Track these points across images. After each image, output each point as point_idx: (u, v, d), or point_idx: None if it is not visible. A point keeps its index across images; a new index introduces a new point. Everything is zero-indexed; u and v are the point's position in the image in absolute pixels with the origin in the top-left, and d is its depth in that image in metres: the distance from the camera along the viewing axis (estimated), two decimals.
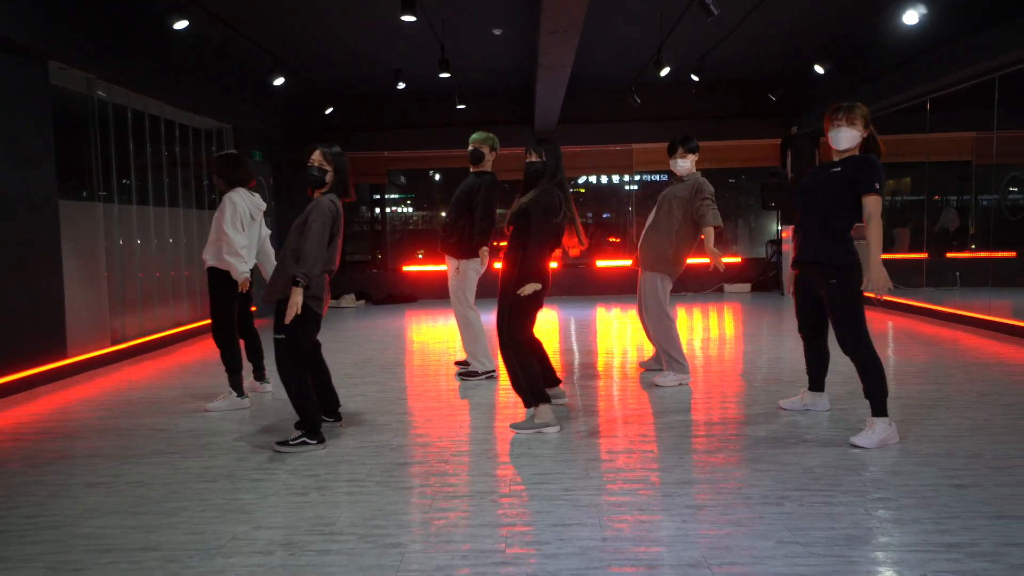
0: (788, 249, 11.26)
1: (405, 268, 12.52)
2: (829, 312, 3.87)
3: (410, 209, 17.24)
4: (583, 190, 13.79)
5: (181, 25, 6.09)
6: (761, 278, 12.16)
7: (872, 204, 3.69)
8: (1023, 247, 11.75)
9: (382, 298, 12.12)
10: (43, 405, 5.26)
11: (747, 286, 12.07)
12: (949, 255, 11.15)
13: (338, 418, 4.45)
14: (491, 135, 5.74)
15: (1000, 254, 11.65)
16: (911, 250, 11.65)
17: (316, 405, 4.11)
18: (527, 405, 4.22)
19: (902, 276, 11.17)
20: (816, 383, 4.39)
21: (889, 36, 8.26)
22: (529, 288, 4.04)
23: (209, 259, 4.96)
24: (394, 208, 16.91)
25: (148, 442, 4.17)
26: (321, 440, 4.04)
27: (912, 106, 8.89)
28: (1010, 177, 12.24)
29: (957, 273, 11.01)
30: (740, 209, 14.11)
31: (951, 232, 11.66)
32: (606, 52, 9.50)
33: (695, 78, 9.71)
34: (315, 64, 9.90)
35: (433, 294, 12.20)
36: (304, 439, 4.00)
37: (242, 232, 5.04)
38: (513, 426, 4.23)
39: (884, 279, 3.68)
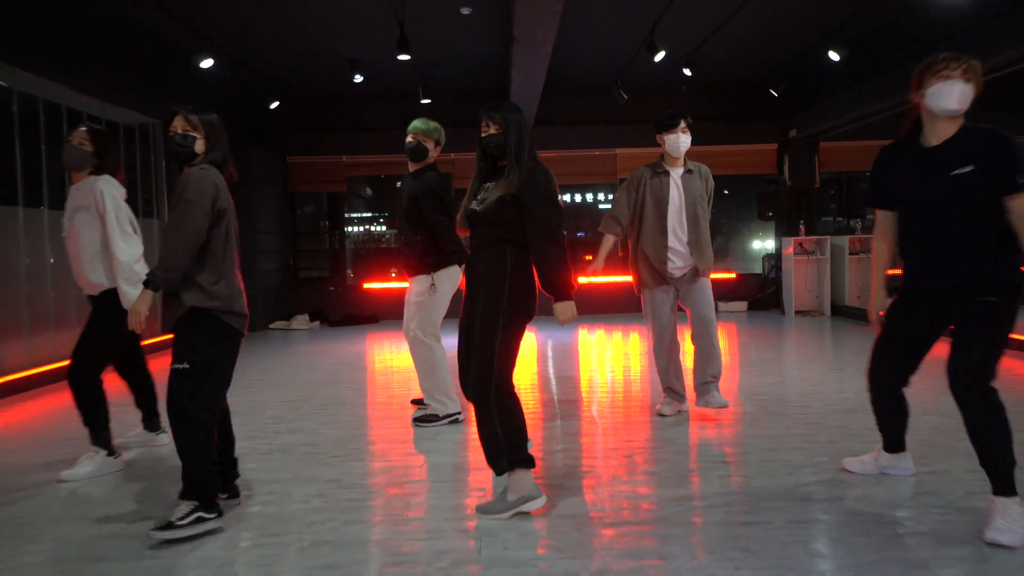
0: (789, 266, 10.22)
1: (366, 285, 11.25)
2: (965, 339, 2.68)
3: (383, 228, 16.04)
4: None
5: None
6: (759, 295, 11.09)
7: None
8: None
9: (340, 319, 10.83)
10: None
11: (743, 304, 11.00)
12: None
13: (235, 493, 3.19)
14: (437, 125, 4.68)
15: None
16: None
17: (213, 467, 2.89)
18: (499, 473, 3.00)
19: None
20: (898, 441, 3.23)
21: (913, 18, 7.26)
22: (569, 312, 2.96)
23: (98, 279, 3.63)
24: (366, 227, 15.70)
25: None
26: (219, 512, 2.87)
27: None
28: None
29: None
30: (734, 220, 13.11)
31: None
32: (588, 45, 8.43)
33: (687, 72, 8.68)
34: (260, 54, 8.67)
35: (399, 314, 10.90)
36: (199, 513, 2.80)
37: (134, 237, 3.76)
38: (480, 510, 2.99)
39: None
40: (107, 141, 3.74)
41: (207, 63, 7.04)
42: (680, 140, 4.35)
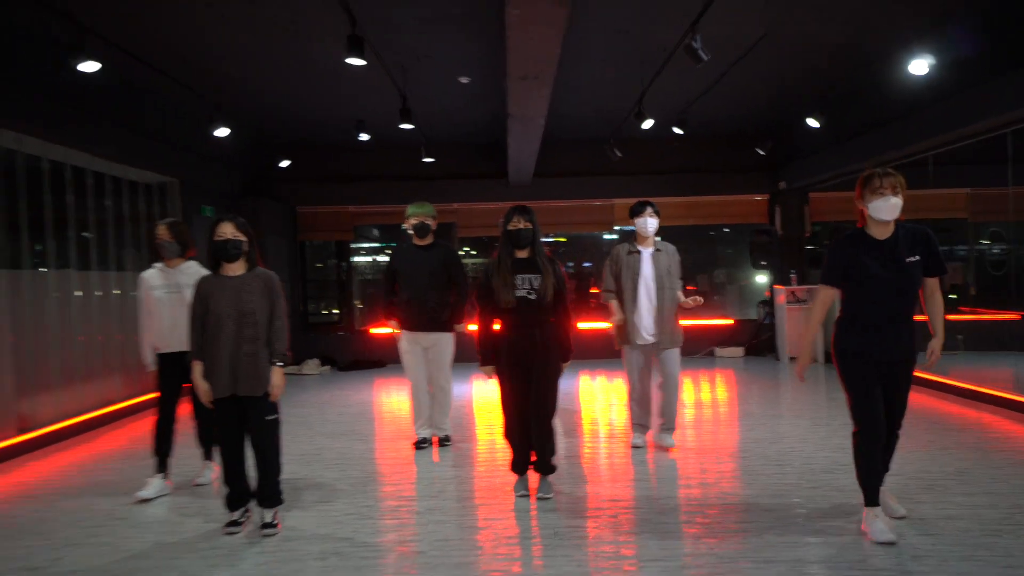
0: (783, 315, 10.55)
1: (373, 331, 11.62)
2: (900, 399, 3.70)
3: (380, 257, 16.44)
4: (564, 239, 13.10)
5: (91, 68, 5.23)
6: (754, 341, 11.41)
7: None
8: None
9: (348, 363, 11.18)
10: None
11: (740, 350, 11.31)
12: (950, 317, 10.53)
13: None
14: (431, 205, 5.66)
15: (1003, 315, 11.08)
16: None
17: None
18: (547, 473, 4.37)
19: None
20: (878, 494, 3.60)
21: (886, 87, 7.71)
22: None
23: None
24: (357, 259, 16.05)
25: None
26: None
27: (910, 162, 8.31)
28: (990, 232, 11.80)
29: (960, 337, 10.37)
30: (729, 268, 13.46)
31: (954, 286, 11.07)
32: (583, 103, 8.88)
33: (678, 131, 9.12)
34: (270, 113, 9.17)
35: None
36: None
37: None
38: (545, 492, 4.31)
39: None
40: (185, 231, 4.77)
41: (222, 132, 7.49)
42: (648, 223, 5.27)
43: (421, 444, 5.69)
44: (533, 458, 4.36)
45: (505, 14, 3.69)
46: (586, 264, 13.54)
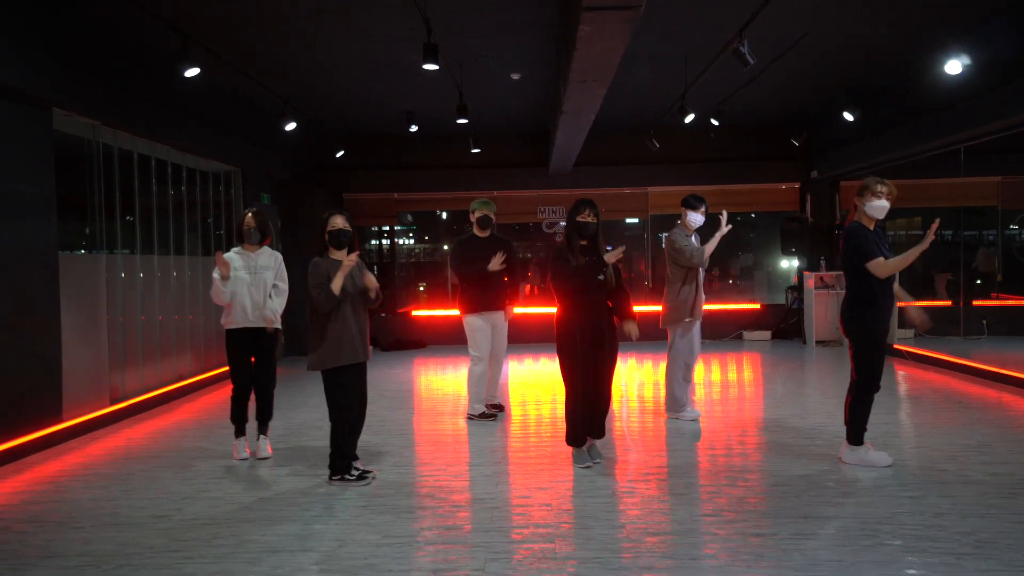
0: (810, 300, 10.91)
1: (415, 313, 12.16)
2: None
3: (411, 240, 16.98)
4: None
5: (193, 73, 5.82)
6: (781, 325, 11.78)
7: None
8: None
9: (390, 343, 11.73)
10: (34, 478, 4.87)
11: (767, 333, 11.69)
12: (976, 303, 10.81)
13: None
14: (491, 201, 6.37)
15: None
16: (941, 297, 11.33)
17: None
18: (600, 436, 4.95)
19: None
20: None
21: (920, 82, 8.00)
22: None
23: (273, 315, 5.24)
24: (397, 240, 16.62)
25: (148, 535, 3.76)
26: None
27: (942, 153, 8.60)
28: (1019, 218, 11.99)
29: (984, 321, 10.66)
30: (759, 254, 13.77)
31: (984, 273, 11.32)
32: (626, 96, 9.24)
33: (715, 122, 9.46)
34: (326, 106, 9.67)
35: (442, 339, 11.81)
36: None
37: None
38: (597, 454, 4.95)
39: None
40: (267, 220, 5.29)
41: (291, 126, 8.00)
42: (701, 219, 5.93)
43: (487, 414, 6.24)
44: None
45: (577, 29, 4.09)
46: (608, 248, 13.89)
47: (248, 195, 9.35)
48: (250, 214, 5.28)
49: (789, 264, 12.51)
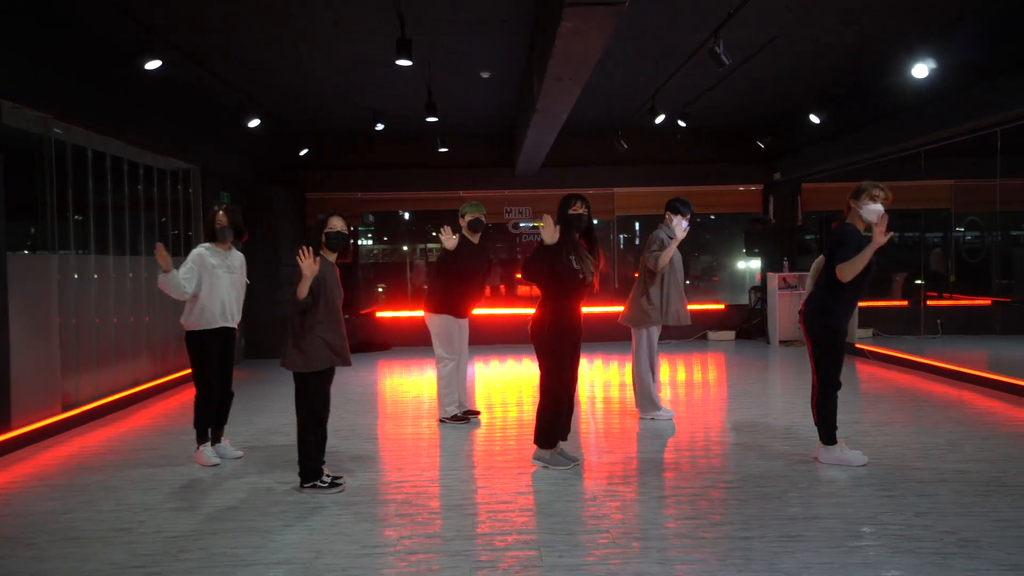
0: (774, 300, 11.04)
1: (379, 314, 11.95)
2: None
3: (370, 242, 16.73)
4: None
5: (154, 66, 5.57)
6: (745, 325, 11.91)
7: None
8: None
9: (354, 346, 11.45)
10: None
11: (731, 334, 11.81)
12: (931, 303, 11.09)
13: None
14: (481, 205, 6.18)
15: (976, 301, 11.68)
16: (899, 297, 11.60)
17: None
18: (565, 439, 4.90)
19: (888, 324, 11.07)
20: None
21: (886, 86, 8.15)
22: None
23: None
24: (359, 242, 16.35)
25: (108, 551, 3.55)
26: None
27: (901, 156, 8.77)
28: (967, 220, 12.36)
29: (939, 321, 10.93)
30: (722, 255, 13.92)
31: (935, 273, 11.61)
32: (594, 98, 9.21)
33: (682, 124, 9.50)
34: (290, 103, 9.42)
35: (407, 341, 11.63)
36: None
37: None
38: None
39: None
40: (240, 218, 5.16)
41: (254, 123, 7.76)
42: (684, 225, 5.90)
43: (459, 416, 6.13)
44: None
45: (558, 26, 4.01)
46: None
47: (207, 194, 9.06)
48: (221, 211, 5.12)
49: (746, 265, 12.66)
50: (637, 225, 13.07)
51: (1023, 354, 9.18)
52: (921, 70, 6.36)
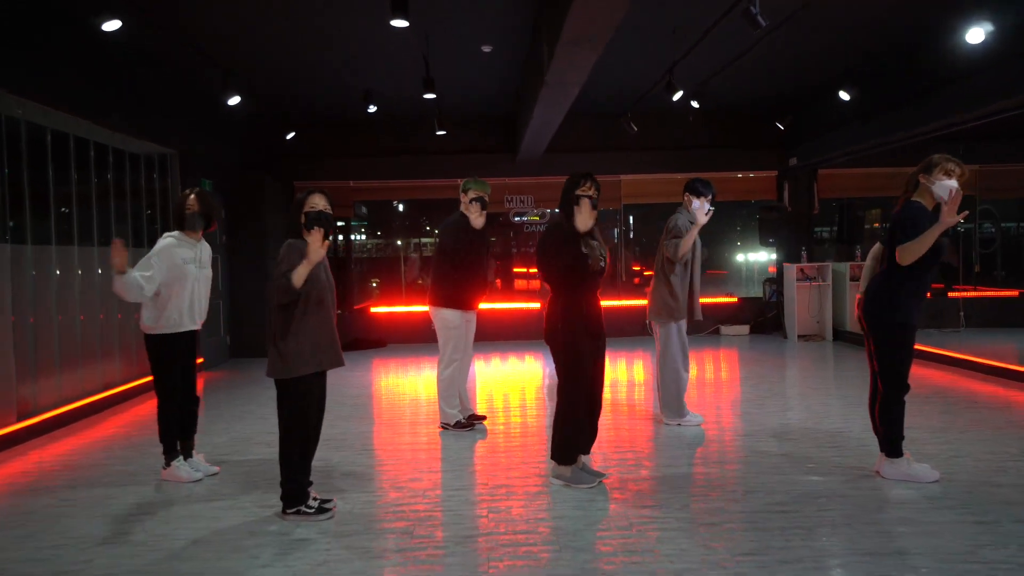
0: (791, 292, 10.42)
1: (373, 310, 11.29)
2: None
3: (363, 236, 16.09)
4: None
5: (112, 27, 4.87)
6: (760, 319, 11.29)
7: None
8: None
9: (347, 343, 10.85)
10: None
11: (745, 328, 11.18)
12: (952, 294, 10.51)
13: None
14: (487, 183, 5.47)
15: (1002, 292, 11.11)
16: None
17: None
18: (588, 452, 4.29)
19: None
20: None
21: (922, 61, 7.52)
22: None
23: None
24: (352, 236, 15.77)
25: None
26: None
27: (931, 139, 8.14)
28: (980, 209, 11.79)
29: (962, 313, 10.34)
30: (734, 245, 13.31)
31: (945, 265, 11.02)
32: (600, 79, 8.55)
33: (695, 104, 8.86)
34: (276, 84, 8.71)
35: (403, 338, 10.99)
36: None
37: None
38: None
39: None
40: (213, 203, 4.52)
41: (234, 100, 7.07)
42: (705, 207, 5.31)
43: (463, 423, 5.52)
44: None
45: None
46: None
47: (187, 182, 8.36)
48: (193, 195, 4.49)
49: (745, 257, 12.08)
50: (631, 218, 12.43)
51: None
52: (976, 35, 5.70)
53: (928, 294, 4.01)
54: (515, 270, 12.88)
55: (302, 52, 7.47)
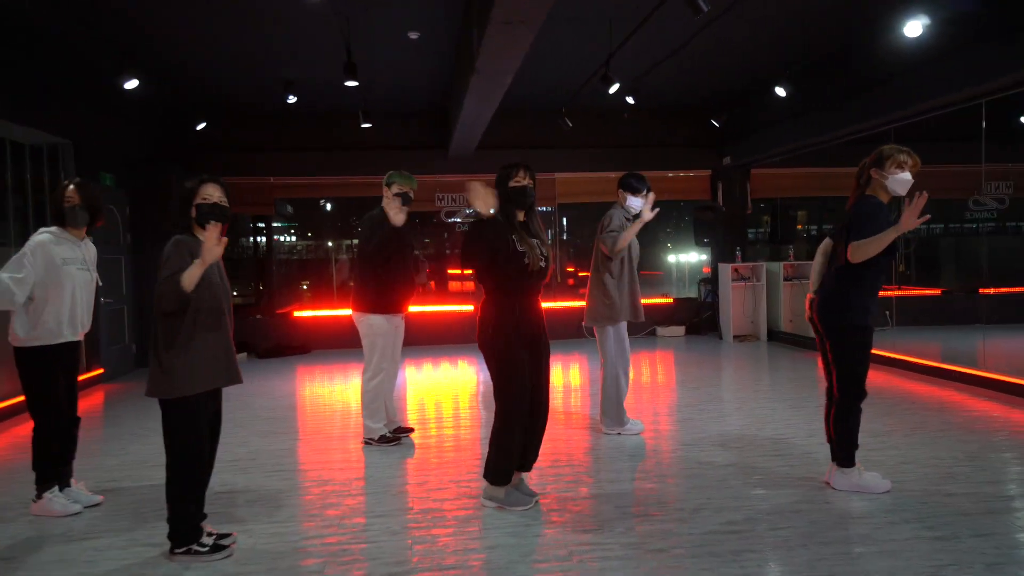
0: (727, 292, 10.35)
1: (296, 314, 10.67)
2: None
3: (293, 237, 15.38)
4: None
5: None
6: (695, 320, 11.19)
7: None
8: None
9: (267, 349, 10.21)
10: None
11: (681, 329, 11.06)
12: (880, 294, 10.66)
13: None
14: (412, 177, 5.08)
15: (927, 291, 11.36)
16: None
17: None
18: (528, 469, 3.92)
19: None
20: None
21: (857, 58, 7.48)
22: None
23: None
24: (276, 237, 15.07)
25: None
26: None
27: (868, 136, 8.14)
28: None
29: (887, 312, 10.49)
30: (667, 245, 13.23)
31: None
32: (533, 73, 8.26)
33: (631, 101, 8.65)
34: (185, 67, 8.04)
35: (328, 343, 10.41)
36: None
37: None
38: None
39: None
40: (98, 196, 3.96)
41: (132, 84, 6.42)
42: (642, 203, 5.01)
43: (388, 438, 5.09)
44: None
45: None
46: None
47: (84, 175, 7.59)
48: (72, 186, 3.91)
49: (676, 258, 12.03)
50: (564, 220, 12.20)
51: (991, 345, 8.75)
52: (914, 28, 5.61)
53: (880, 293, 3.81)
54: (449, 271, 12.48)
55: (213, 33, 6.86)
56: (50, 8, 5.60)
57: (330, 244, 13.81)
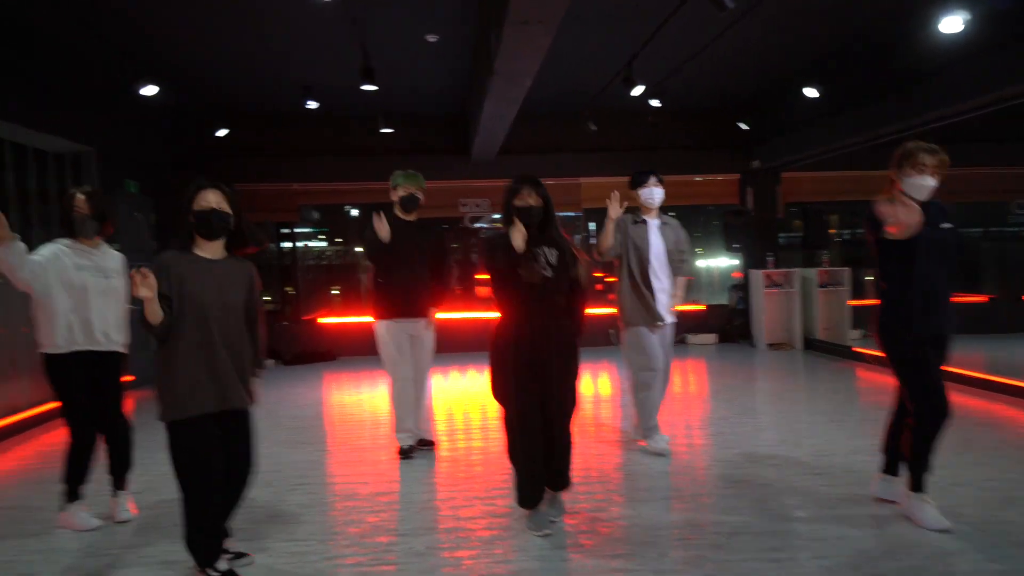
0: (759, 299, 10.07)
1: (321, 320, 10.61)
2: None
3: (324, 243, 15.37)
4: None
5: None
6: (727, 327, 10.92)
7: None
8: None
9: (294, 356, 10.16)
10: None
11: (712, 336, 10.80)
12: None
13: None
14: (419, 176, 5.00)
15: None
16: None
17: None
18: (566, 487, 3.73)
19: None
20: None
21: (895, 56, 7.20)
22: None
23: (124, 338, 3.97)
24: (305, 243, 15.08)
25: None
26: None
27: (903, 139, 7.83)
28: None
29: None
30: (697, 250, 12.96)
31: None
32: (556, 74, 8.11)
33: (655, 103, 8.46)
34: (205, 78, 8.02)
35: (356, 350, 10.32)
36: None
37: None
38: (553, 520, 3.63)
39: None
40: (107, 203, 3.89)
41: (150, 90, 6.38)
42: (654, 193, 4.85)
43: (408, 453, 4.94)
44: None
45: None
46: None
47: (108, 183, 7.61)
48: (80, 194, 3.83)
49: (706, 263, 11.78)
50: (590, 224, 11.98)
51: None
52: (954, 23, 5.33)
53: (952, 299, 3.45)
54: (477, 277, 12.35)
55: (233, 40, 6.82)
56: (73, 19, 5.58)
57: (358, 249, 13.76)
